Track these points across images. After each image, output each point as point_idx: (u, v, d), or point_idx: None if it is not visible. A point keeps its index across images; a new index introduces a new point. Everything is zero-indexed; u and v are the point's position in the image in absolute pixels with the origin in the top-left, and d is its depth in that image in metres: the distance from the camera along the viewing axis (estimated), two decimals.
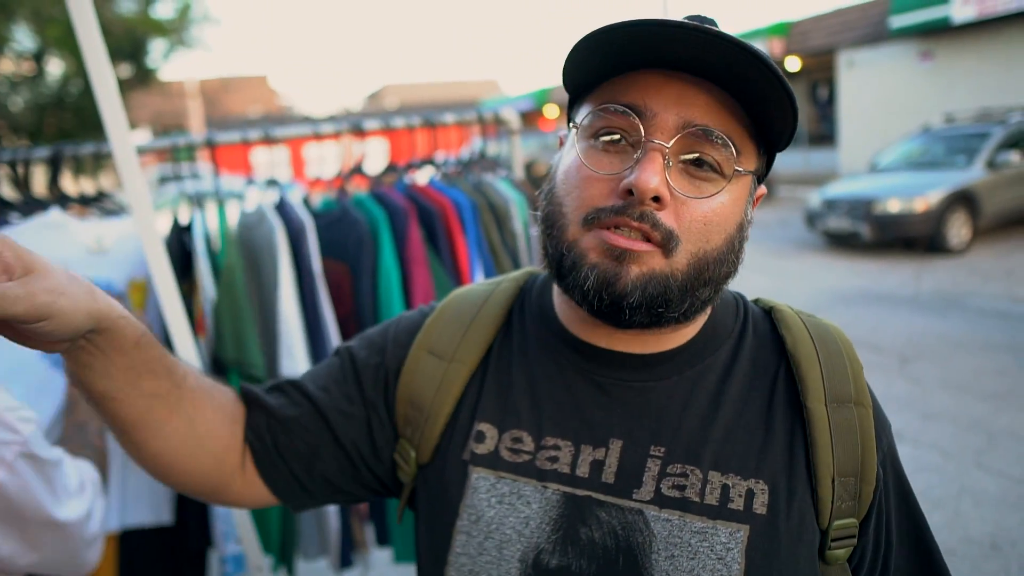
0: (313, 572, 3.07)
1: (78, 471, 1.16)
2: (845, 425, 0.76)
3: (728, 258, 0.75)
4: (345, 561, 2.05)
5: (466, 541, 0.79)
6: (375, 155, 2.37)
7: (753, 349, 0.82)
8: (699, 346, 0.81)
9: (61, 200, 1.89)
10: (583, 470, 0.77)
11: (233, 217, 1.93)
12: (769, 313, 0.86)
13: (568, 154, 0.77)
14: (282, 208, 1.94)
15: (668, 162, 0.70)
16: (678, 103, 0.70)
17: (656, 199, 0.69)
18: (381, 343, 0.92)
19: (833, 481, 0.74)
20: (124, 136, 1.33)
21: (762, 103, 0.70)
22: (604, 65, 0.74)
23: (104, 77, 1.29)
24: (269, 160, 2.17)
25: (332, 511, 1.93)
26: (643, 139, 0.70)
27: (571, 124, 0.79)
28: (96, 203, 1.94)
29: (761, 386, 0.80)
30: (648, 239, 0.70)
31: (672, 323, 0.76)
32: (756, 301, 0.89)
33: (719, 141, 0.70)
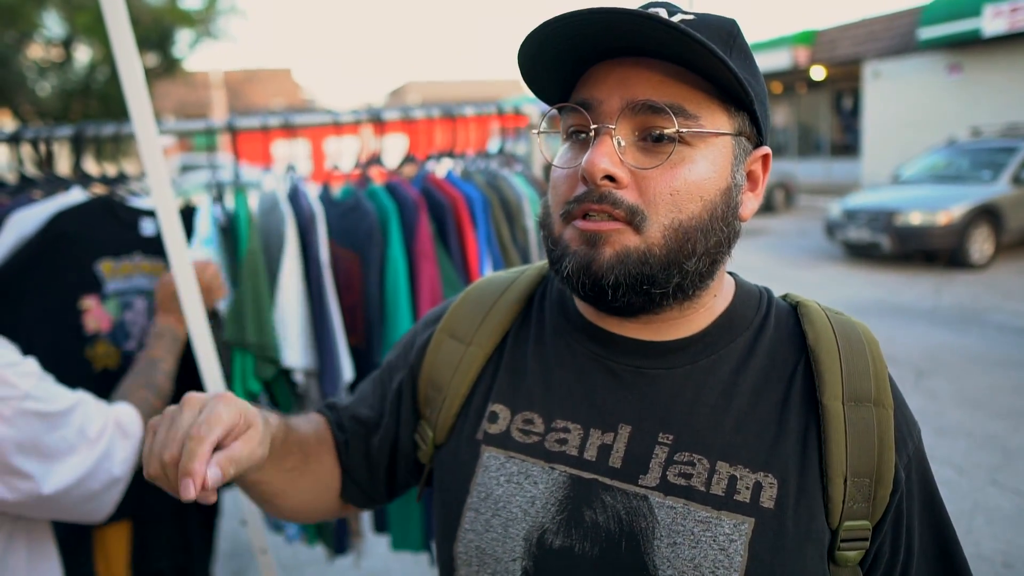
0: (313, 557, 3.10)
1: (103, 415, 1.16)
2: (862, 425, 0.74)
3: (714, 226, 0.74)
4: (340, 547, 2.06)
5: (474, 518, 0.81)
6: (395, 149, 2.37)
7: (773, 342, 0.81)
8: (715, 336, 0.81)
9: (83, 180, 1.90)
10: (591, 453, 0.78)
11: (253, 205, 1.95)
12: (795, 308, 0.85)
13: (557, 158, 0.82)
14: (294, 196, 1.95)
15: (619, 142, 0.72)
16: (621, 86, 0.72)
17: (610, 179, 0.71)
18: (410, 338, 0.99)
19: (845, 481, 0.73)
20: (149, 125, 1.34)
21: (702, 64, 0.70)
22: (555, 73, 0.77)
23: (131, 65, 1.30)
24: (290, 152, 2.17)
25: None
26: (592, 129, 0.73)
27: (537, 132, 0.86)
28: (118, 184, 1.95)
29: (778, 380, 0.78)
30: (613, 218, 0.72)
31: (671, 301, 0.75)
32: (785, 296, 0.88)
33: (666, 111, 0.71)
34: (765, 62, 19.02)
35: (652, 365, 0.80)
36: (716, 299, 0.82)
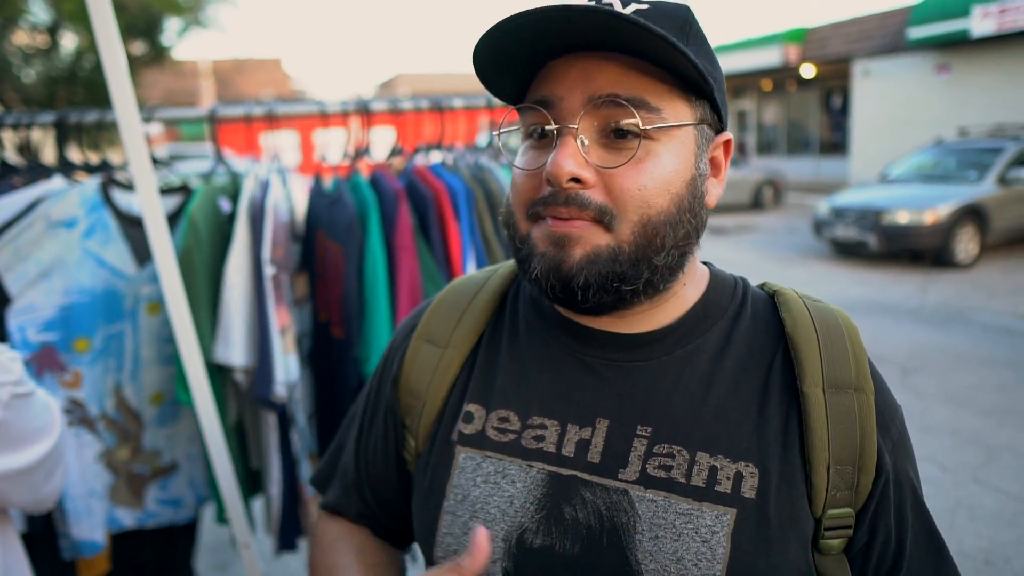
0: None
1: (50, 399, 1.18)
2: (843, 411, 0.74)
3: (682, 219, 0.73)
4: (287, 544, 2.03)
5: (451, 521, 0.79)
6: (383, 142, 2.35)
7: (750, 331, 0.80)
8: (689, 326, 0.80)
9: (65, 167, 1.87)
10: (569, 449, 0.77)
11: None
12: (772, 296, 0.84)
13: (517, 158, 0.80)
14: (255, 189, 1.88)
15: (582, 141, 0.71)
16: (582, 82, 0.71)
17: (576, 180, 0.70)
18: (388, 352, 0.96)
19: (828, 468, 0.72)
20: (132, 113, 1.31)
21: (662, 55, 0.68)
22: (512, 71, 0.75)
23: (114, 53, 1.28)
24: (278, 144, 2.13)
25: (275, 495, 1.93)
26: (553, 129, 0.72)
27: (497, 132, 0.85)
28: (100, 172, 1.92)
29: (756, 368, 0.77)
30: (582, 218, 0.71)
31: (641, 297, 0.74)
32: (762, 285, 0.87)
33: (627, 104, 0.69)
34: (755, 59, 19.06)
35: (628, 358, 0.78)
36: (687, 288, 0.80)
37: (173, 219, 1.92)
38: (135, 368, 1.83)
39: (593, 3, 0.69)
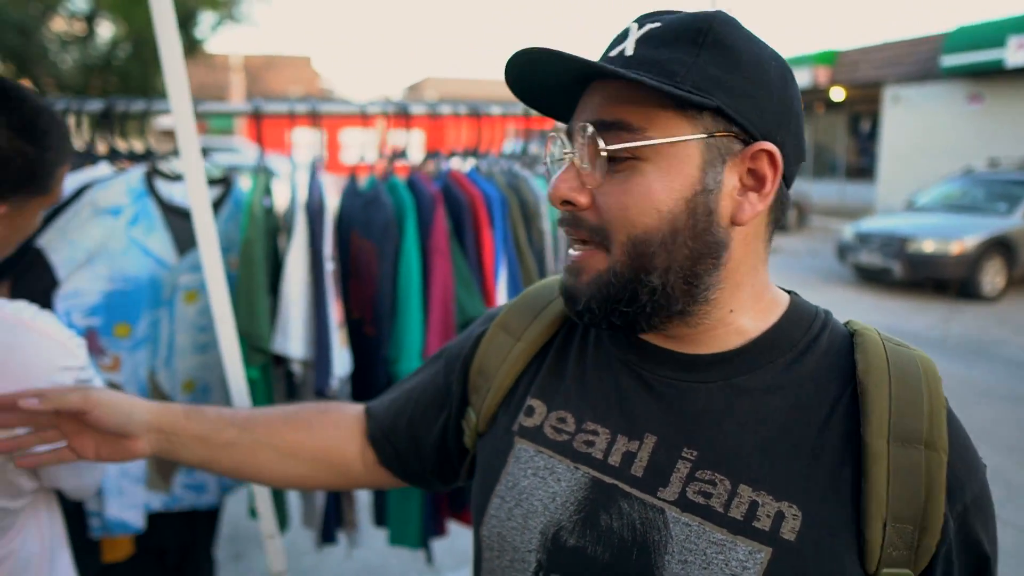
0: (311, 546, 3.09)
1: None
2: (908, 468, 0.69)
3: (678, 238, 0.72)
4: (328, 537, 2.06)
5: (499, 505, 0.83)
6: (413, 144, 2.37)
7: (817, 368, 0.77)
8: (754, 354, 0.78)
9: (111, 155, 1.91)
10: (615, 459, 0.78)
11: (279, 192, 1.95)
12: (852, 335, 0.80)
13: None
14: (310, 187, 1.95)
15: (584, 165, 0.75)
16: (583, 109, 0.77)
17: (568, 203, 0.76)
18: (470, 330, 1.03)
19: (884, 525, 0.68)
20: (186, 104, 1.34)
21: (648, 85, 0.70)
22: (547, 98, 0.81)
23: (170, 43, 1.31)
24: (308, 140, 2.16)
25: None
26: (567, 155, 0.78)
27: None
28: (145, 160, 1.96)
29: (817, 408, 0.74)
30: (584, 242, 0.77)
31: (659, 319, 0.76)
32: (847, 323, 0.84)
33: (611, 128, 0.73)
34: None
35: (683, 378, 0.79)
36: (739, 316, 0.78)
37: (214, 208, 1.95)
38: (169, 355, 1.86)
39: (564, 52, 0.73)
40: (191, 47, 18.58)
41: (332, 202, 2.06)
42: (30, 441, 0.99)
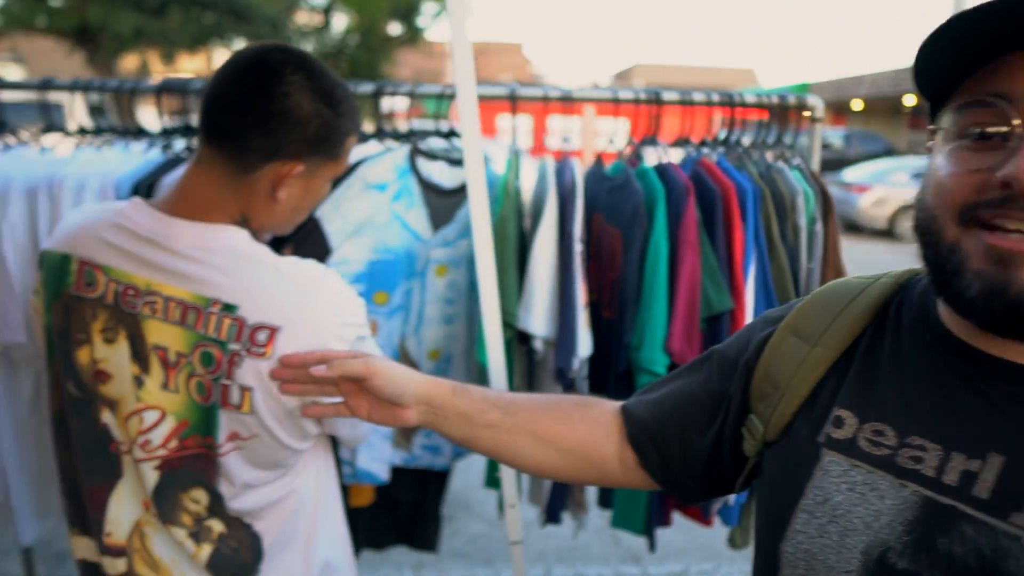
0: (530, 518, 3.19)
1: (376, 351, 1.27)
2: None
3: None
4: (553, 517, 2.09)
5: (807, 520, 0.78)
6: (619, 133, 2.32)
7: None
8: None
9: (378, 134, 2.07)
10: (951, 478, 0.71)
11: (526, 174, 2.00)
12: None
13: (935, 159, 0.74)
14: (561, 169, 1.97)
15: None
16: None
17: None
18: (747, 333, 0.98)
19: None
20: (471, 85, 1.41)
21: None
22: (962, 58, 0.68)
23: (461, 30, 1.38)
24: (512, 126, 2.18)
25: None
26: (1015, 127, 0.65)
27: (934, 129, 0.75)
28: (410, 139, 2.08)
29: None
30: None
31: None
32: None
33: None
34: None
35: None
36: None
37: (461, 189, 2.05)
38: (419, 324, 1.98)
39: None
40: (413, 35, 19.86)
41: (529, 186, 2.09)
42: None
